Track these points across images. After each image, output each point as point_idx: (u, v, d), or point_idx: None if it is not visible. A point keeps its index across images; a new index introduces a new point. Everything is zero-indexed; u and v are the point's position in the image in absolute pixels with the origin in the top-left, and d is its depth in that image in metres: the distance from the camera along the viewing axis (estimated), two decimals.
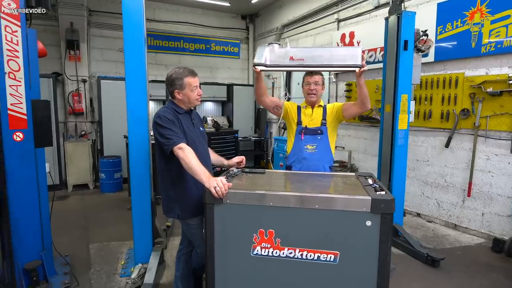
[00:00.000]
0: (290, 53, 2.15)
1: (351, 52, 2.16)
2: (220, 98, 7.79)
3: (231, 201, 1.90)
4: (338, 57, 2.13)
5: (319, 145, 2.69)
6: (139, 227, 3.17)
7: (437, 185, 4.47)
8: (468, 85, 4.00)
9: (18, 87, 2.70)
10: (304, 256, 1.86)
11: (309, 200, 1.83)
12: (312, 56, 2.15)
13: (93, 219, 4.67)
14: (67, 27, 5.69)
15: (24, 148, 2.76)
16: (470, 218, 4.09)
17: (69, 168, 5.98)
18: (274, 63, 2.14)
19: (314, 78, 2.70)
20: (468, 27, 3.95)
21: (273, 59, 2.15)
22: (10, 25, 2.62)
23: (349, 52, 2.17)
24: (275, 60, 2.15)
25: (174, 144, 2.07)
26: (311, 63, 2.10)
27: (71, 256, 3.45)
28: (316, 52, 2.19)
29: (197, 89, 2.29)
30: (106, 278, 3.09)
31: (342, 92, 5.85)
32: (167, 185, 2.29)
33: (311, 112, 2.79)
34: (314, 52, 2.22)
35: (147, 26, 7.08)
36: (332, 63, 2.10)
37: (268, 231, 1.88)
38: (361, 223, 1.79)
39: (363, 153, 5.55)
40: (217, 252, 1.96)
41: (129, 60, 3.04)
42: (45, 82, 5.72)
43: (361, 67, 2.17)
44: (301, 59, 2.12)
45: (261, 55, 2.17)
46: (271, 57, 2.16)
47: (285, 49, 2.24)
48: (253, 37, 8.52)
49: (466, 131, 4.07)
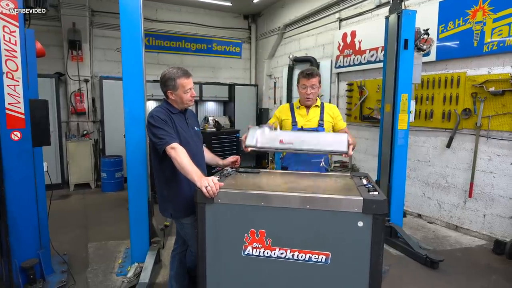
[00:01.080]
0: (280, 137, 2.29)
1: (338, 139, 2.28)
2: (221, 98, 7.79)
3: (222, 201, 1.89)
4: (325, 142, 2.26)
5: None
6: (136, 226, 3.18)
7: (438, 185, 4.42)
8: (470, 84, 3.94)
9: (16, 86, 2.72)
10: (296, 257, 1.85)
11: (300, 200, 1.81)
12: (301, 140, 2.27)
13: (93, 218, 4.70)
14: (69, 27, 5.73)
15: (22, 147, 2.78)
16: (472, 219, 4.04)
17: (71, 168, 6.02)
18: (265, 145, 2.28)
19: (311, 81, 2.62)
20: (470, 25, 3.90)
21: (263, 141, 2.30)
22: (8, 25, 2.65)
23: (336, 139, 2.29)
24: (266, 142, 2.29)
25: (166, 143, 2.07)
26: (300, 147, 2.24)
27: (69, 255, 3.47)
28: (304, 137, 2.32)
29: (190, 91, 2.28)
30: (103, 277, 3.10)
31: (344, 91, 5.82)
32: (161, 185, 2.29)
33: (306, 112, 2.73)
34: (303, 136, 2.33)
35: (149, 26, 7.19)
36: (319, 148, 2.24)
37: (259, 231, 1.87)
38: (352, 224, 1.77)
39: (364, 153, 5.51)
40: (208, 252, 1.96)
41: (126, 60, 3.04)
42: (48, 82, 5.78)
43: (346, 153, 2.23)
44: (291, 142, 2.25)
45: (253, 136, 2.31)
46: (261, 139, 2.30)
47: (275, 132, 2.37)
48: (255, 37, 8.51)
49: (468, 131, 4.02)
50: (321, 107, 2.75)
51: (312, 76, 2.60)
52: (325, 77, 6.20)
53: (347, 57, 5.65)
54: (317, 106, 2.74)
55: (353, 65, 5.55)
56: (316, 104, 2.74)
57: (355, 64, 5.52)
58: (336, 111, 2.79)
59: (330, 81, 6.13)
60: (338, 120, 2.77)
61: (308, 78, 2.60)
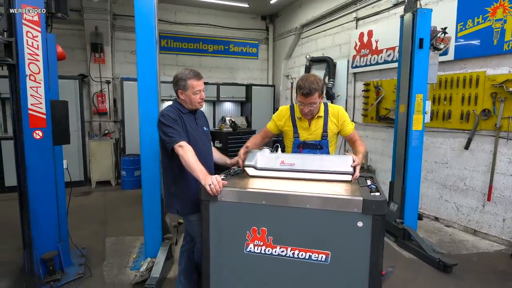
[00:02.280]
0: (281, 158, 2.18)
1: (342, 160, 2.13)
2: (239, 98, 7.88)
3: (225, 199, 1.94)
4: (329, 164, 2.12)
5: None
6: (149, 223, 3.29)
7: (456, 188, 4.29)
8: (489, 84, 3.81)
9: (38, 88, 2.88)
10: (296, 255, 1.87)
11: (300, 199, 1.83)
12: (302, 162, 2.15)
13: (111, 214, 4.88)
14: (92, 31, 5.98)
15: (43, 146, 2.95)
16: (491, 223, 3.90)
17: (92, 166, 6.27)
18: (265, 167, 2.19)
19: (309, 100, 2.30)
20: (490, 23, 3.77)
21: (263, 162, 2.21)
22: (31, 30, 2.81)
23: (340, 160, 2.14)
24: (266, 163, 2.20)
25: (175, 141, 2.15)
26: (301, 168, 2.12)
27: (88, 249, 3.64)
28: (307, 158, 2.20)
29: (200, 93, 2.34)
30: (117, 271, 3.23)
31: (360, 92, 5.74)
32: (169, 182, 2.37)
33: (308, 124, 2.48)
34: (305, 158, 2.22)
35: (168, 29, 7.37)
36: (322, 170, 2.10)
37: (261, 229, 1.91)
38: (352, 224, 1.77)
39: (380, 154, 5.42)
40: (212, 248, 2.01)
41: (141, 62, 3.16)
42: (71, 83, 6.06)
43: (352, 174, 2.06)
44: (292, 163, 2.14)
45: (253, 157, 2.23)
46: (261, 160, 2.21)
47: (275, 154, 2.28)
48: (272, 38, 8.54)
49: (487, 133, 3.88)
50: (325, 115, 2.46)
51: (309, 95, 2.28)
52: (342, 77, 6.15)
53: (364, 56, 5.58)
54: (319, 116, 2.46)
55: (370, 65, 5.48)
56: (318, 114, 2.45)
57: (371, 64, 5.44)
58: (342, 115, 2.49)
59: (346, 81, 6.07)
60: (345, 125, 2.50)
61: (305, 97, 2.30)
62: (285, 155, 2.27)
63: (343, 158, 2.18)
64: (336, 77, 6.24)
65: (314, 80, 2.32)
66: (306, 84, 2.29)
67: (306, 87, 2.28)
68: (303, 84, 2.31)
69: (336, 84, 6.24)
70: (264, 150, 2.31)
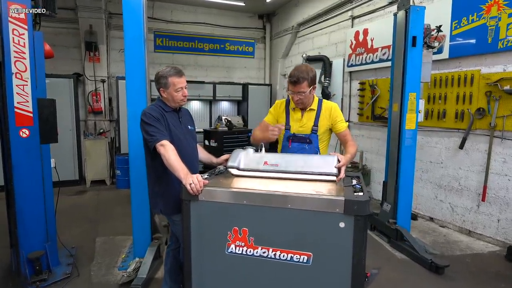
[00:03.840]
0: (265, 158, 2.14)
1: (327, 161, 2.09)
2: (235, 97, 7.84)
3: (206, 198, 1.91)
4: (313, 164, 2.07)
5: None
6: (138, 222, 3.27)
7: (451, 188, 4.25)
8: (484, 83, 3.76)
9: (25, 86, 2.86)
10: (278, 256, 1.83)
11: (281, 199, 1.79)
12: (286, 162, 2.11)
13: (104, 214, 4.85)
14: (86, 29, 5.95)
15: (30, 144, 2.92)
16: (485, 224, 3.85)
17: (87, 165, 6.25)
18: (248, 167, 2.14)
19: (298, 88, 2.31)
20: (484, 21, 3.72)
21: (247, 162, 2.16)
22: (17, 28, 2.78)
23: (325, 161, 2.10)
24: (249, 163, 2.15)
25: (157, 140, 2.11)
26: (286, 169, 2.07)
27: (78, 248, 3.61)
28: (291, 158, 2.15)
29: (182, 90, 2.30)
30: (105, 271, 3.20)
31: (356, 91, 5.70)
32: (152, 181, 2.34)
33: (301, 116, 2.48)
34: (289, 158, 2.17)
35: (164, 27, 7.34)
36: (306, 170, 2.05)
37: (242, 230, 1.87)
38: (334, 225, 1.73)
39: (376, 154, 5.38)
40: (193, 249, 1.97)
41: (129, 61, 3.13)
42: (66, 82, 6.04)
43: (336, 175, 2.01)
44: (276, 164, 2.09)
45: (236, 157, 2.18)
46: (245, 161, 2.17)
47: (259, 154, 2.23)
48: (269, 36, 8.50)
49: (482, 132, 3.83)
50: (318, 109, 2.45)
51: (297, 83, 2.29)
52: (338, 76, 6.11)
53: (359, 55, 5.54)
54: (312, 109, 2.46)
55: (365, 64, 5.43)
56: (311, 107, 2.46)
57: (367, 62, 5.40)
58: (335, 112, 2.47)
59: (342, 80, 6.03)
60: (337, 122, 2.46)
61: (294, 85, 2.31)
62: (268, 155, 2.22)
63: (327, 158, 2.13)
64: (332, 76, 6.19)
65: (304, 70, 2.32)
66: (296, 73, 2.31)
67: (295, 75, 2.31)
68: (292, 72, 2.36)
69: (332, 83, 6.19)
70: (248, 150, 2.27)
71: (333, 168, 2.05)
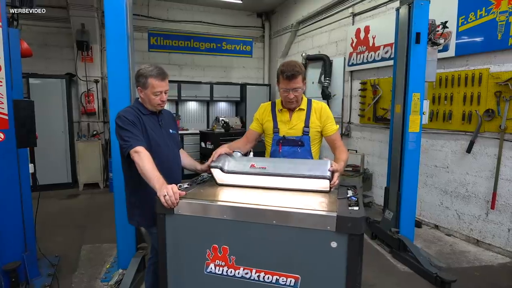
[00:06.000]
0: (252, 161, 1.95)
1: (319, 164, 1.86)
2: (233, 98, 7.64)
3: (182, 212, 1.70)
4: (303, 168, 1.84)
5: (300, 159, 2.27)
6: (122, 232, 3.08)
7: (457, 194, 4.00)
8: (493, 82, 3.52)
9: None
10: (262, 278, 1.62)
11: (265, 214, 1.58)
12: (275, 165, 1.90)
13: (94, 219, 4.66)
14: (78, 28, 5.77)
15: (5, 148, 2.73)
16: (495, 233, 3.61)
17: (80, 167, 6.07)
18: (233, 169, 1.94)
19: (293, 84, 2.14)
20: (493, 16, 3.48)
21: (232, 164, 1.97)
22: None
23: (317, 164, 1.88)
24: (234, 166, 1.96)
25: (131, 147, 1.92)
26: (274, 171, 1.86)
27: (61, 257, 3.43)
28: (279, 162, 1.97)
29: (161, 95, 2.09)
30: (87, 283, 3.00)
31: (357, 91, 5.47)
32: (129, 191, 2.15)
33: (289, 117, 2.30)
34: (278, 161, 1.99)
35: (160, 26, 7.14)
36: (296, 173, 1.83)
37: (222, 247, 1.66)
38: (325, 244, 1.52)
39: (378, 157, 5.14)
40: (169, 268, 1.78)
41: (111, 60, 2.95)
42: (58, 82, 5.87)
43: (329, 179, 1.77)
44: (263, 167, 1.89)
45: (221, 158, 1.99)
46: (230, 162, 1.98)
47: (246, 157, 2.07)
48: (268, 35, 8.28)
49: (491, 135, 3.59)
50: (307, 109, 2.29)
51: (294, 77, 2.12)
52: (338, 75, 5.88)
53: (360, 54, 5.31)
54: (301, 109, 2.29)
55: (367, 63, 5.20)
56: (300, 106, 2.29)
57: (368, 61, 5.16)
58: (326, 112, 2.30)
59: (343, 80, 5.79)
60: (328, 123, 2.29)
61: (289, 80, 2.13)
62: (256, 158, 2.05)
63: (320, 162, 1.92)
64: (332, 76, 5.96)
65: (297, 64, 2.19)
66: (289, 68, 2.15)
67: (289, 70, 2.14)
68: (285, 68, 2.17)
69: (332, 83, 5.96)
70: (235, 153, 2.08)
71: (326, 171, 1.81)
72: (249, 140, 2.44)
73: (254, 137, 2.46)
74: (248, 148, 2.44)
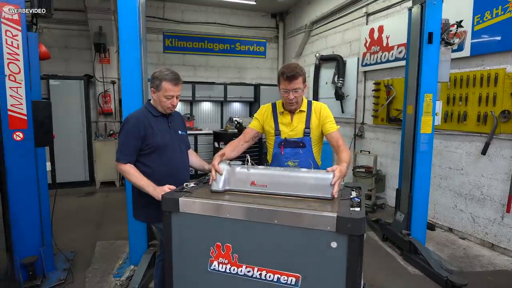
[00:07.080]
0: (252, 178, 1.88)
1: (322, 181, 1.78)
2: (247, 98, 7.69)
3: (187, 210, 1.75)
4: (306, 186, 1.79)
5: (302, 161, 2.28)
6: (134, 228, 3.16)
7: (472, 197, 3.91)
8: (509, 82, 3.43)
9: (19, 88, 2.80)
10: (263, 276, 1.65)
11: (266, 213, 1.61)
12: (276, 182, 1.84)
13: (109, 216, 4.80)
14: (96, 31, 5.95)
15: (24, 148, 2.86)
16: (510, 237, 3.51)
17: (97, 166, 6.26)
18: (233, 188, 1.89)
19: (294, 85, 2.15)
20: (510, 15, 3.38)
21: (232, 182, 1.90)
22: (11, 29, 2.72)
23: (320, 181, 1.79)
24: (234, 184, 1.89)
25: (120, 161, 2.14)
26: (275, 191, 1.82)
27: (77, 252, 3.55)
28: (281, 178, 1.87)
29: (172, 99, 2.16)
30: (100, 278, 3.11)
31: (370, 91, 5.41)
32: (135, 189, 2.21)
33: (290, 119, 2.32)
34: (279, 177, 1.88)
35: (175, 28, 7.25)
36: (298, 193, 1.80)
37: (225, 245, 1.70)
38: (325, 244, 1.53)
39: (391, 158, 5.07)
40: (175, 264, 1.83)
41: (125, 62, 3.05)
42: (77, 84, 6.07)
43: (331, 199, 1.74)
44: (264, 185, 1.84)
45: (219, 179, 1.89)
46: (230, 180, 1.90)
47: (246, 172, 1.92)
48: (283, 36, 8.29)
49: (507, 136, 3.49)
50: (308, 110, 2.30)
51: (294, 78, 2.13)
52: (352, 76, 5.84)
53: (374, 54, 5.25)
54: (302, 111, 2.30)
55: (380, 63, 5.14)
56: (301, 108, 2.30)
57: (382, 61, 5.10)
58: (325, 112, 2.31)
59: (356, 80, 5.75)
60: (327, 122, 2.28)
61: (290, 80, 2.14)
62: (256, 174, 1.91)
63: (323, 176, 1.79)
64: (346, 76, 5.92)
65: (297, 65, 2.21)
66: (289, 69, 2.17)
67: (289, 70, 2.15)
68: (285, 69, 2.19)
69: (346, 84, 5.92)
70: (233, 167, 1.97)
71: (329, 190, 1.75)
72: (246, 139, 2.42)
73: (251, 136, 2.44)
74: (244, 148, 2.40)
